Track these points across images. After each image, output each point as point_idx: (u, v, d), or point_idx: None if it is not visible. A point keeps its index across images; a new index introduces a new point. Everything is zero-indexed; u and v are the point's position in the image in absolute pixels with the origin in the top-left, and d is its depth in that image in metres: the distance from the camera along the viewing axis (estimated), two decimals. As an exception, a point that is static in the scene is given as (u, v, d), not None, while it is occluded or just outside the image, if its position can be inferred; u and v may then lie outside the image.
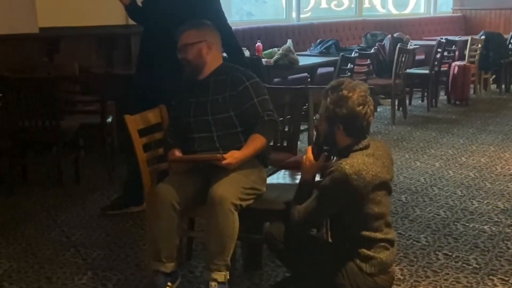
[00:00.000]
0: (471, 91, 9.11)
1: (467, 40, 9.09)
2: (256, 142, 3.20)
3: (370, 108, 2.71)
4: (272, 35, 8.55)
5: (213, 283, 3.04)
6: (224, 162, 3.09)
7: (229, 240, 3.04)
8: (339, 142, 2.77)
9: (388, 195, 2.80)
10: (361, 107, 2.67)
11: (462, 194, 4.88)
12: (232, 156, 3.11)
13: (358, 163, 2.64)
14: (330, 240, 3.14)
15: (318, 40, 8.36)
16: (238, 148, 3.20)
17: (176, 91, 3.49)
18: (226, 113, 3.29)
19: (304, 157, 2.89)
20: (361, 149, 2.72)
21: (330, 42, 8.05)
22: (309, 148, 2.91)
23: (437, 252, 3.80)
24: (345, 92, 2.68)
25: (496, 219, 4.35)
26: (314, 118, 2.97)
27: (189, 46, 3.33)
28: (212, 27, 3.45)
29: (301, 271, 2.92)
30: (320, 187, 2.74)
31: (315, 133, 3.24)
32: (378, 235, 2.74)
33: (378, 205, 2.71)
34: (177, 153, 3.26)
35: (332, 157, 2.85)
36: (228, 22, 4.38)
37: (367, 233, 2.72)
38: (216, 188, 3.04)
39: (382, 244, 2.75)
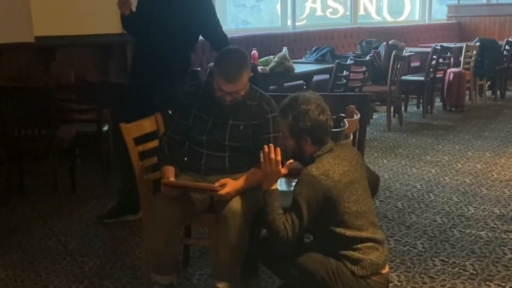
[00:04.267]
0: (467, 98, 9.14)
1: (462, 47, 9.11)
2: (255, 177, 3.12)
3: (328, 113, 2.83)
4: (267, 43, 8.57)
5: None
6: (222, 191, 3.01)
7: (239, 254, 3.07)
8: (306, 151, 2.86)
9: (365, 193, 2.83)
10: (321, 115, 2.79)
11: (458, 200, 4.89)
12: (230, 186, 3.04)
13: (324, 165, 2.74)
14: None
15: (314, 48, 8.36)
16: (246, 170, 3.17)
17: (184, 100, 3.32)
18: (245, 142, 3.23)
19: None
20: (325, 153, 2.81)
21: (325, 50, 8.06)
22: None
23: (433, 258, 3.81)
24: (303, 106, 2.79)
25: (493, 225, 4.36)
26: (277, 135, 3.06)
27: (245, 87, 3.17)
28: (243, 50, 3.30)
29: (295, 282, 2.92)
30: (294, 194, 2.76)
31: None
32: (364, 234, 2.76)
33: (356, 203, 2.75)
34: (171, 175, 3.16)
35: None
36: (224, 30, 4.40)
37: (352, 232, 2.74)
38: (231, 202, 3.03)
39: (370, 244, 2.77)
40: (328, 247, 2.82)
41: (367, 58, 7.66)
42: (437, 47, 8.37)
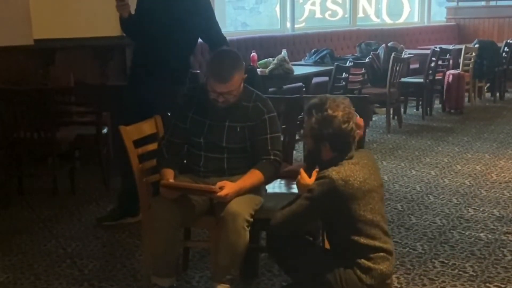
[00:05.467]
0: (466, 100, 9.14)
1: (461, 49, 9.13)
2: (254, 178, 3.14)
3: (354, 123, 2.76)
4: (267, 45, 8.57)
5: None
6: (221, 193, 3.00)
7: (239, 256, 3.06)
8: (324, 156, 2.82)
9: (381, 202, 2.82)
10: (346, 125, 2.73)
11: (458, 202, 4.89)
12: (229, 187, 3.03)
13: (345, 170, 2.70)
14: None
15: (313, 50, 8.38)
16: (245, 172, 3.18)
17: (181, 103, 3.36)
18: (243, 144, 3.24)
19: (298, 176, 2.91)
20: (346, 159, 2.77)
21: (324, 52, 8.07)
22: (302, 170, 2.92)
23: (433, 260, 3.81)
24: (330, 111, 2.72)
25: (492, 227, 4.36)
26: (300, 133, 3.01)
27: (237, 88, 3.17)
28: (236, 52, 3.33)
29: (301, 278, 2.92)
30: (308, 191, 2.77)
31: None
32: (377, 243, 2.75)
33: (371, 212, 2.73)
34: (170, 178, 3.16)
35: None
36: (223, 32, 4.41)
37: (365, 240, 2.73)
38: (231, 204, 3.03)
39: (382, 254, 2.76)
40: (341, 253, 2.82)
41: (366, 60, 7.68)
42: (436, 49, 8.38)
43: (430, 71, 8.33)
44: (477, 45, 9.37)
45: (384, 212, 2.89)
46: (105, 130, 5.36)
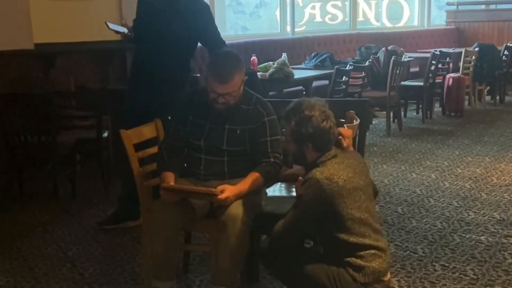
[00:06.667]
0: (466, 103, 9.15)
1: (461, 52, 9.14)
2: (254, 181, 3.13)
3: (332, 121, 2.83)
4: (267, 49, 8.58)
5: None
6: (222, 196, 3.00)
7: (239, 259, 3.06)
8: (309, 158, 2.85)
9: (369, 201, 2.83)
10: (324, 123, 2.79)
11: (458, 205, 4.89)
12: (229, 191, 3.03)
13: (328, 169, 2.74)
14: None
15: (313, 54, 8.38)
16: (245, 175, 3.18)
17: (181, 106, 3.36)
18: (243, 146, 3.24)
19: (297, 182, 2.93)
20: (329, 159, 2.80)
21: (324, 55, 8.08)
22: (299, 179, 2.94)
23: (434, 263, 3.81)
24: (306, 112, 2.78)
25: (493, 230, 4.36)
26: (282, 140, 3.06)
27: (237, 89, 3.18)
28: (236, 53, 3.35)
29: (297, 284, 2.92)
30: (297, 197, 2.80)
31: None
32: (366, 241, 2.76)
33: (359, 210, 2.75)
34: (171, 181, 3.15)
35: None
36: (223, 36, 4.41)
37: (354, 238, 2.73)
38: (231, 207, 3.02)
39: (373, 251, 2.76)
40: (331, 253, 2.83)
41: (366, 63, 7.68)
42: (436, 52, 8.38)
43: (430, 75, 8.34)
44: (477, 49, 9.38)
45: (375, 211, 2.90)
46: (105, 134, 5.36)
